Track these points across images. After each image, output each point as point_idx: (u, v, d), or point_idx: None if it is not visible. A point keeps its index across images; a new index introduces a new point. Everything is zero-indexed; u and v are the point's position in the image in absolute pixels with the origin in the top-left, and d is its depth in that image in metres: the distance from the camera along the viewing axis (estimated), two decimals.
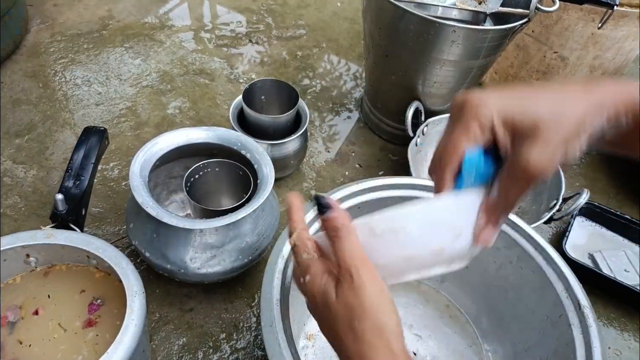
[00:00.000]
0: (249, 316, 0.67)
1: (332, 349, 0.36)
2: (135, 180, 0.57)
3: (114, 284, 0.50)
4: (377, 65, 0.86)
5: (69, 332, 0.47)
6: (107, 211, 0.76)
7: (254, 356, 0.64)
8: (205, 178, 0.67)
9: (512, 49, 1.01)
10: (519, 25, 0.74)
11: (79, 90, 0.96)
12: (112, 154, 0.85)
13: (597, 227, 0.85)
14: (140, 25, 1.15)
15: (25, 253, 0.49)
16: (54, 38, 1.07)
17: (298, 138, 0.78)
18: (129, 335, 0.42)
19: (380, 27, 0.79)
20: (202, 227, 0.56)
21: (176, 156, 0.66)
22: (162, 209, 0.56)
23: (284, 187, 0.84)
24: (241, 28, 1.20)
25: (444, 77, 0.80)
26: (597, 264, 0.79)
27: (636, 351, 0.71)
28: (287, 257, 0.51)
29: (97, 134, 0.61)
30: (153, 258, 0.60)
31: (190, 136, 0.65)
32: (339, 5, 1.34)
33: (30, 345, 0.46)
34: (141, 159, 0.60)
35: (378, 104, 0.93)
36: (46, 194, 0.77)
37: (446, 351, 0.63)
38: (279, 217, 0.69)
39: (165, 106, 0.96)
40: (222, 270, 0.61)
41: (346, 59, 1.17)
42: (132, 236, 0.62)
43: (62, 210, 0.53)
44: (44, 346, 0.46)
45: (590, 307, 0.52)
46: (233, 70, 1.07)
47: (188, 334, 0.64)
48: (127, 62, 1.05)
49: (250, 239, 0.62)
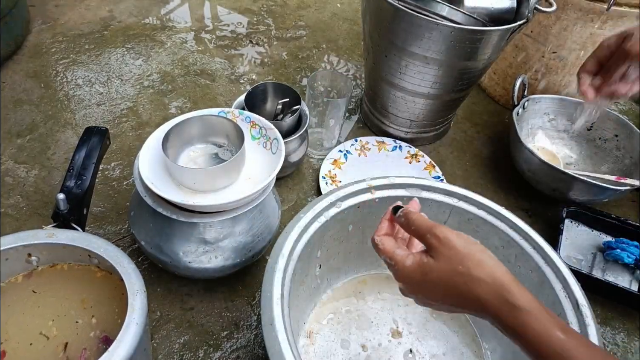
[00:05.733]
0: (250, 315, 0.68)
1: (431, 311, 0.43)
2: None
3: (115, 283, 0.50)
4: (377, 66, 0.86)
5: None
6: (108, 211, 0.77)
7: (254, 354, 0.64)
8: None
9: (511, 50, 1.02)
10: (518, 25, 0.74)
11: (80, 91, 0.97)
12: (113, 153, 0.85)
13: (585, 228, 0.85)
14: (142, 26, 1.16)
15: (26, 252, 0.49)
16: (55, 38, 1.08)
17: (298, 138, 0.78)
18: (130, 333, 0.43)
19: (380, 27, 0.80)
20: (196, 220, 0.57)
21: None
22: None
23: (284, 187, 0.85)
24: (242, 29, 1.21)
25: (443, 77, 0.80)
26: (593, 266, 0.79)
27: (635, 351, 0.71)
28: (288, 256, 0.51)
29: (98, 134, 0.61)
30: (147, 247, 0.61)
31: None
32: (338, 7, 1.35)
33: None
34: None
35: (377, 105, 0.94)
36: (48, 193, 0.78)
37: (445, 350, 0.63)
38: (279, 217, 0.69)
39: (167, 106, 0.97)
40: (212, 267, 0.62)
41: (346, 60, 1.17)
42: (132, 224, 0.63)
43: (64, 210, 0.53)
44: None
45: (588, 306, 0.52)
46: (234, 71, 1.08)
47: (189, 333, 0.65)
48: (129, 62, 1.05)
49: (244, 239, 0.63)
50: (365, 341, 0.63)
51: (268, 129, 0.65)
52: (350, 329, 0.64)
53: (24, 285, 0.50)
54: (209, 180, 0.58)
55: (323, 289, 0.67)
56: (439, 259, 0.40)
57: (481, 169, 0.95)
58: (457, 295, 0.39)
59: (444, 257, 0.40)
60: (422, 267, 0.41)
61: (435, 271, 0.40)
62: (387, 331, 0.65)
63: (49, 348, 0.47)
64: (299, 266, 0.53)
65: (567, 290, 0.54)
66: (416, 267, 0.41)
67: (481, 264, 0.39)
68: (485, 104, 1.11)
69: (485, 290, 0.38)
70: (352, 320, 0.65)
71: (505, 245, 0.60)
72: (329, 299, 0.67)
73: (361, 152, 0.91)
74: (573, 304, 0.53)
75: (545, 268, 0.56)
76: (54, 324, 0.48)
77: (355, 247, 0.65)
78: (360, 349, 0.63)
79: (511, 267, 0.60)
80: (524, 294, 0.38)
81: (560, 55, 0.95)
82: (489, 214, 0.60)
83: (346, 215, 0.60)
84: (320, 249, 0.60)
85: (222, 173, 0.58)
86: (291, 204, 0.83)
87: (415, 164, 0.91)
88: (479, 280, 0.38)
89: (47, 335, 0.47)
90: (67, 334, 0.48)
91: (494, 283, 0.38)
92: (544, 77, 1.00)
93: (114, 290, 0.50)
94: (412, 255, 0.42)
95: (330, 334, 0.63)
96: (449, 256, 0.39)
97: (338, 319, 0.65)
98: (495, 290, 0.38)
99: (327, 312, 0.65)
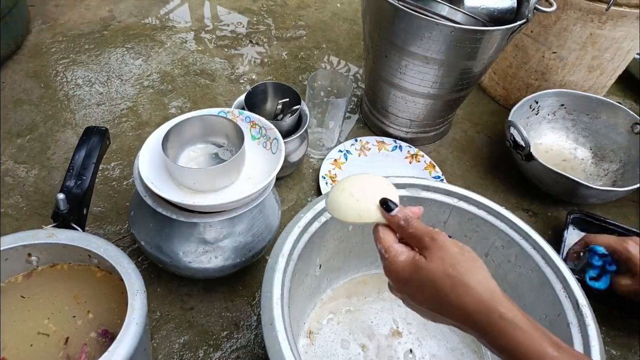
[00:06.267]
0: (250, 315, 0.68)
1: (423, 317, 0.43)
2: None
3: (115, 282, 0.50)
4: (377, 66, 0.86)
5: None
6: (108, 210, 0.77)
7: (254, 355, 0.64)
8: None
9: (511, 50, 1.02)
10: (518, 25, 0.74)
11: (80, 91, 0.97)
12: (113, 153, 0.85)
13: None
14: (141, 26, 1.16)
15: (26, 252, 0.49)
16: (55, 38, 1.08)
17: (298, 138, 0.78)
18: (130, 333, 0.43)
19: (380, 27, 0.80)
20: (196, 220, 0.57)
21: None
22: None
23: (284, 186, 0.85)
24: (242, 29, 1.21)
25: (443, 77, 0.80)
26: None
27: (635, 351, 0.71)
28: (288, 256, 0.51)
29: (98, 133, 0.61)
30: (147, 247, 0.61)
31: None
32: (338, 6, 1.35)
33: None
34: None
35: (377, 105, 0.94)
36: (47, 193, 0.78)
37: (445, 350, 0.63)
38: (279, 217, 0.69)
39: (166, 106, 0.97)
40: (212, 267, 0.62)
41: (346, 60, 1.17)
42: (132, 224, 0.63)
43: (64, 210, 0.53)
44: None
45: (588, 306, 0.52)
46: (234, 71, 1.08)
47: (189, 333, 0.65)
48: (128, 62, 1.05)
49: (244, 239, 0.63)
50: (365, 341, 0.63)
51: (268, 129, 0.65)
52: (350, 329, 0.64)
53: (24, 285, 0.50)
54: (209, 180, 0.58)
55: (323, 289, 0.67)
56: (431, 259, 0.40)
57: (481, 169, 0.95)
58: (442, 301, 0.39)
59: (437, 259, 0.39)
60: (413, 264, 0.41)
61: (425, 270, 0.40)
62: (387, 331, 0.65)
63: (49, 345, 0.47)
64: (299, 266, 0.53)
65: (567, 290, 0.54)
66: (408, 264, 0.41)
67: (472, 272, 0.38)
68: (485, 104, 1.11)
69: (474, 300, 0.37)
70: (352, 320, 0.65)
71: (505, 245, 0.60)
72: (329, 299, 0.67)
73: (361, 152, 0.91)
74: (573, 304, 0.53)
75: (545, 268, 0.56)
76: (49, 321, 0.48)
77: (355, 247, 0.65)
78: (360, 349, 0.62)
79: (511, 267, 0.60)
80: (513, 307, 0.37)
81: (560, 55, 0.95)
82: (489, 214, 0.60)
83: None
84: (320, 248, 0.60)
85: (222, 173, 0.58)
86: (291, 204, 0.83)
87: (416, 164, 0.91)
88: (468, 287, 0.37)
89: (47, 333, 0.47)
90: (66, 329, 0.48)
91: (484, 293, 0.37)
92: (544, 77, 1.00)
93: (114, 290, 0.50)
94: (407, 252, 0.42)
95: (330, 334, 0.63)
96: (442, 258, 0.39)
97: (338, 319, 0.65)
98: (485, 301, 0.37)
99: (327, 312, 0.65)
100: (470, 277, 0.38)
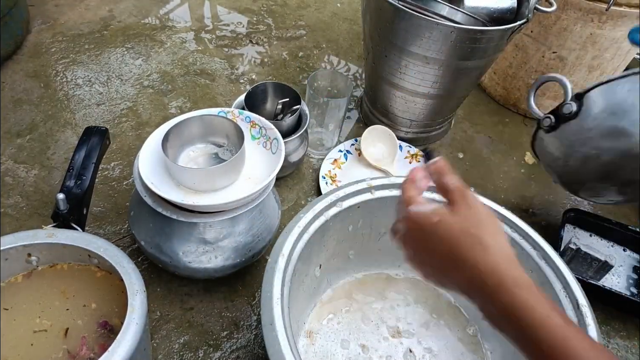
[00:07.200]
0: (250, 315, 0.68)
1: (434, 278, 0.41)
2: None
3: (115, 282, 0.50)
4: (377, 65, 0.86)
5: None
6: (108, 210, 0.77)
7: (254, 354, 0.64)
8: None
9: (511, 49, 1.02)
10: (518, 25, 0.74)
11: (80, 90, 0.97)
12: (113, 153, 0.85)
13: (585, 233, 0.83)
14: (141, 26, 1.16)
15: (26, 252, 0.49)
16: (55, 38, 1.08)
17: (298, 138, 0.78)
18: (130, 333, 0.43)
19: (380, 27, 0.80)
20: (196, 220, 0.57)
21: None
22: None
23: (283, 186, 0.85)
24: (241, 28, 1.21)
25: (443, 77, 0.80)
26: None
27: (635, 351, 0.71)
28: (288, 256, 0.51)
29: (98, 133, 0.61)
30: (147, 247, 0.61)
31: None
32: (338, 6, 1.35)
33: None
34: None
35: (378, 105, 0.94)
36: (47, 193, 0.78)
37: (446, 350, 0.63)
38: (279, 217, 0.69)
39: (166, 106, 0.97)
40: (212, 267, 0.62)
41: (346, 60, 1.17)
42: (131, 224, 0.63)
43: (64, 210, 0.53)
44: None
45: (588, 305, 0.52)
46: (234, 71, 1.08)
47: (189, 333, 0.65)
48: (128, 62, 1.05)
49: (244, 239, 0.63)
50: (365, 341, 0.63)
51: (268, 129, 0.65)
52: (350, 329, 0.64)
53: (24, 285, 0.50)
54: (209, 180, 0.58)
55: (323, 289, 0.67)
56: (456, 213, 0.39)
57: (481, 169, 0.95)
58: (457, 258, 0.38)
59: (462, 215, 0.38)
60: (436, 215, 0.39)
61: (447, 224, 0.38)
62: (387, 331, 0.65)
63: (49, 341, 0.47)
64: (299, 266, 0.53)
65: (567, 290, 0.54)
66: (431, 214, 0.40)
67: (494, 236, 0.38)
68: (485, 104, 1.11)
69: (490, 261, 0.36)
70: (352, 320, 0.65)
71: None
72: (329, 299, 0.67)
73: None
74: (573, 304, 0.53)
75: (545, 268, 0.56)
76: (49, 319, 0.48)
77: (356, 247, 0.65)
78: (360, 349, 0.62)
79: None
80: (527, 276, 0.36)
81: (560, 55, 0.95)
82: None
83: (346, 215, 0.59)
84: (320, 248, 0.60)
85: (222, 173, 0.58)
86: (291, 204, 0.83)
87: (416, 164, 0.91)
88: (487, 248, 0.37)
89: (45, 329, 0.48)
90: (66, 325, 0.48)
91: (502, 256, 0.37)
92: None
93: (114, 290, 0.50)
94: (432, 204, 0.40)
95: (330, 334, 0.63)
96: (467, 216, 0.38)
97: (338, 319, 0.65)
98: (500, 264, 0.36)
99: (327, 312, 0.65)
100: (490, 240, 0.37)
